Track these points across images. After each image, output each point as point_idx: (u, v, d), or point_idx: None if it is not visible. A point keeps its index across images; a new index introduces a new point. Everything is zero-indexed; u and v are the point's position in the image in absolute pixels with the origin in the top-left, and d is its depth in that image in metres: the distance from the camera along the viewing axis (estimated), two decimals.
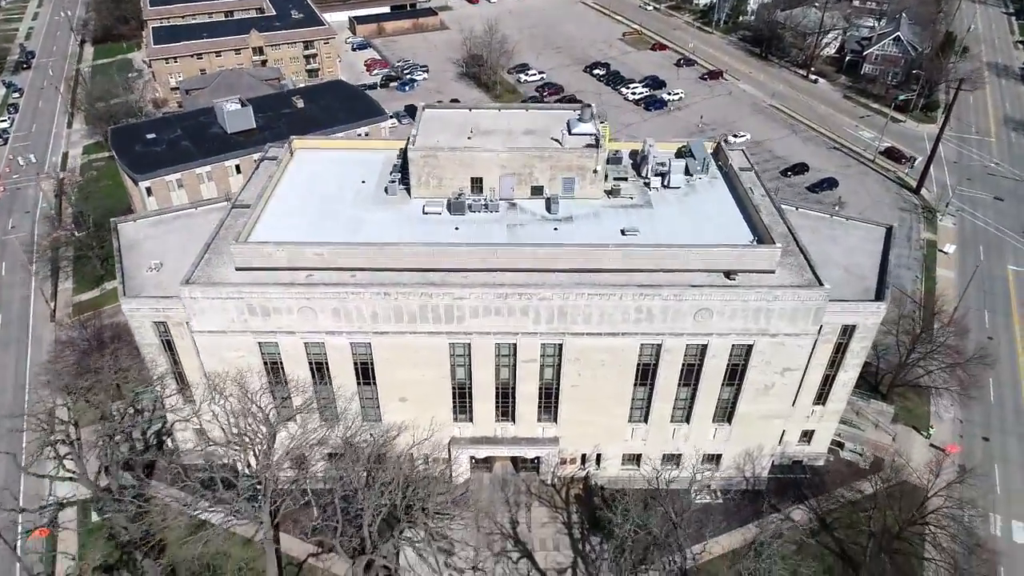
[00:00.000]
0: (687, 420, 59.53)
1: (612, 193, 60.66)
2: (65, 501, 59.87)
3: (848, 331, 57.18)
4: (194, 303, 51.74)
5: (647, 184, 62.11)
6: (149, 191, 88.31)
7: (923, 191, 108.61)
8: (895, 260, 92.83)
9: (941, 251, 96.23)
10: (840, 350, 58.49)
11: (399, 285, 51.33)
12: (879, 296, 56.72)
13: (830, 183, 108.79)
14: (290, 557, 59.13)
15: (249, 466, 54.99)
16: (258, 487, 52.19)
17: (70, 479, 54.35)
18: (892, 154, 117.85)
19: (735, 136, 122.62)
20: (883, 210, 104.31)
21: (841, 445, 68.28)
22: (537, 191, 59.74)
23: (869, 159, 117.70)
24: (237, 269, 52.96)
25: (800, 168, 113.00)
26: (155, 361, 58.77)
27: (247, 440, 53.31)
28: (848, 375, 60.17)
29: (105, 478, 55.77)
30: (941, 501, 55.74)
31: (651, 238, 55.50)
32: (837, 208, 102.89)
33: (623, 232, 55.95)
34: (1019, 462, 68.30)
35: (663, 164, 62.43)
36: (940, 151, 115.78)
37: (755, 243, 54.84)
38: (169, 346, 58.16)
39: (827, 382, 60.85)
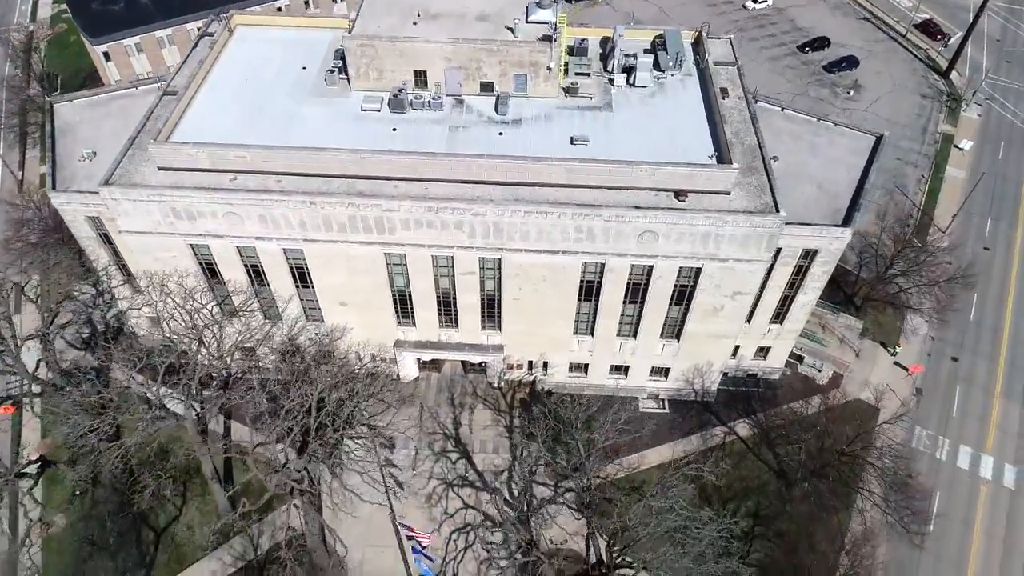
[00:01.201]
0: (634, 335, 58.08)
1: (570, 91, 55.30)
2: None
3: (809, 255, 53.79)
4: (116, 204, 49.83)
5: (611, 81, 56.42)
6: (107, 56, 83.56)
7: (953, 74, 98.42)
8: (902, 156, 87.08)
9: (956, 147, 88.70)
10: (800, 272, 55.43)
11: (325, 194, 48.57)
12: (847, 221, 52.59)
13: (850, 62, 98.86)
14: (240, 446, 61.21)
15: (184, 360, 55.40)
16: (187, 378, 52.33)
17: (11, 373, 55.64)
18: (927, 29, 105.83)
19: (755, 1, 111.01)
20: (903, 96, 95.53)
21: (801, 359, 66.80)
22: (487, 88, 54.68)
23: (900, 33, 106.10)
24: (160, 169, 50.40)
25: (820, 43, 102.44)
26: (95, 253, 58.17)
27: (188, 336, 53.44)
28: (808, 297, 57.38)
29: (47, 372, 57.03)
30: (883, 430, 55.03)
31: (602, 148, 51.10)
32: (852, 92, 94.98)
33: (572, 141, 51.55)
34: (982, 385, 66.47)
35: (632, 57, 56.32)
36: (983, 24, 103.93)
37: (714, 158, 50.31)
38: (107, 239, 57.19)
39: (786, 302, 58.39)
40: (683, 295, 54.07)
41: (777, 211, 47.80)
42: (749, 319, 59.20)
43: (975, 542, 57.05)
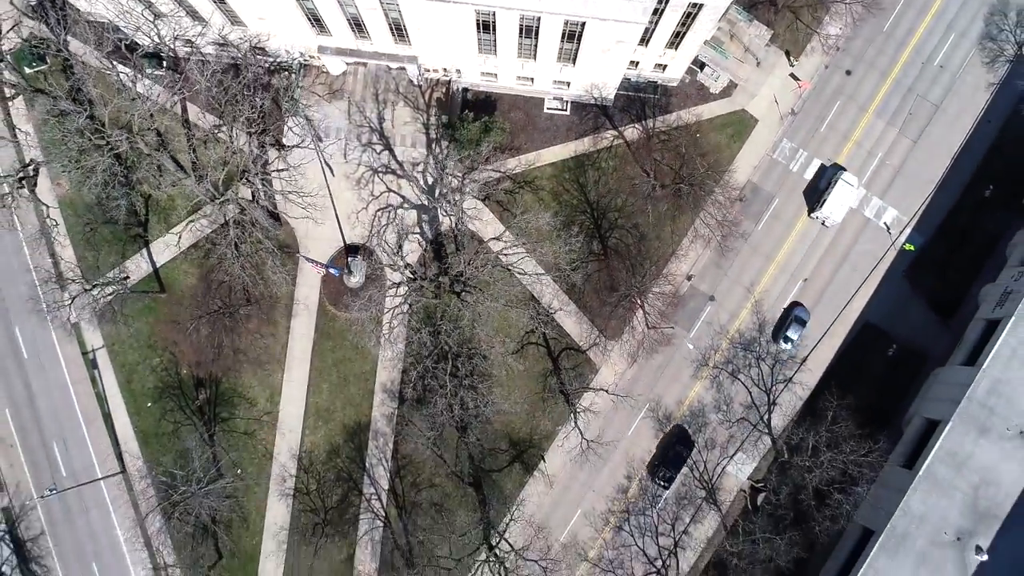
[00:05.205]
0: (534, 59, 63.08)
1: None
2: None
3: (697, 6, 55.86)
4: None
5: None
6: None
7: None
8: None
9: None
10: (690, 16, 57.92)
11: None
12: None
13: None
14: (199, 128, 71.39)
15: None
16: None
17: None
18: None
19: None
20: None
21: (703, 66, 71.48)
22: None
23: None
24: None
25: None
26: None
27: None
28: (699, 35, 60.65)
29: None
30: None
31: None
32: None
33: None
34: (861, 102, 72.13)
35: None
36: None
37: None
38: None
39: (679, 35, 61.64)
40: (573, 36, 57.93)
41: None
42: (646, 44, 63.34)
43: (791, 237, 71.62)
